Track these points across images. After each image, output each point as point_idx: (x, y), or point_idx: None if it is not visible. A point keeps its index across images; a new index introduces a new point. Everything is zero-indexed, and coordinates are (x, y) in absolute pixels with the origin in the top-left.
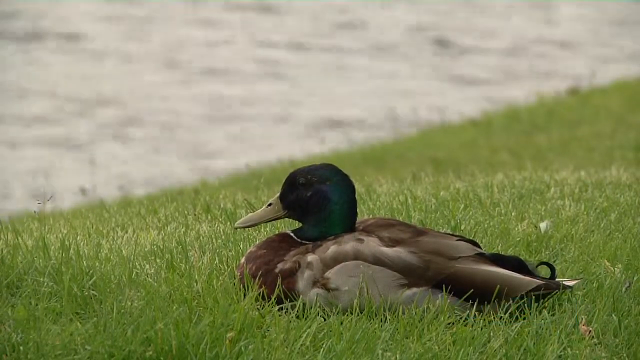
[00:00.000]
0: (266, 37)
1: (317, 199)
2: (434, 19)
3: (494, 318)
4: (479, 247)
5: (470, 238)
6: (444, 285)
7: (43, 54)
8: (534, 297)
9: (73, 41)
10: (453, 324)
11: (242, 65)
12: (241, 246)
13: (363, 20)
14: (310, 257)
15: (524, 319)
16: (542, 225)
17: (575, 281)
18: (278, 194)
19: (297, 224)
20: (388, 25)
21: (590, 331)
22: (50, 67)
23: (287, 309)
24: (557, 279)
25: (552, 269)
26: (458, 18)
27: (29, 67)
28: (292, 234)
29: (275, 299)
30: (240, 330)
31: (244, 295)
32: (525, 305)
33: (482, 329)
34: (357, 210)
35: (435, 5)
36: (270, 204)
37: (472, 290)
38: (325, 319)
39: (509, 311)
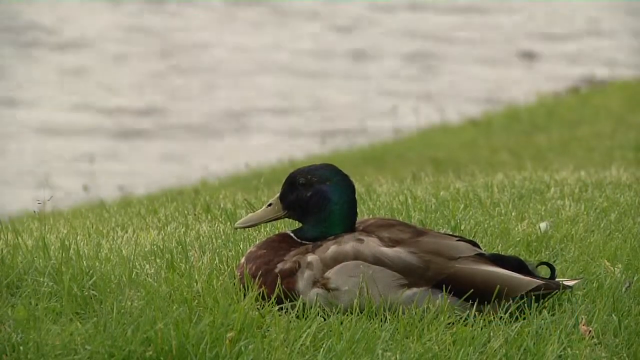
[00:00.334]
0: (269, 40)
1: (317, 199)
2: (433, 19)
3: (494, 318)
4: (479, 247)
5: (470, 238)
6: (444, 285)
7: (44, 55)
8: (534, 297)
9: (74, 43)
10: (453, 324)
11: (243, 68)
12: (241, 246)
13: (362, 24)
14: (310, 257)
15: (524, 319)
16: (542, 225)
17: (575, 281)
18: (278, 194)
19: (297, 224)
20: (387, 28)
21: (590, 331)
22: (51, 68)
23: (287, 309)
24: (557, 279)
25: (552, 269)
26: (457, 17)
27: (30, 69)
28: (292, 234)
29: (275, 299)
30: (240, 330)
31: (244, 295)
32: (525, 305)
33: (482, 329)
34: (357, 210)
35: (434, 7)
36: (270, 204)
37: (472, 290)
38: (325, 319)
39: (509, 311)
